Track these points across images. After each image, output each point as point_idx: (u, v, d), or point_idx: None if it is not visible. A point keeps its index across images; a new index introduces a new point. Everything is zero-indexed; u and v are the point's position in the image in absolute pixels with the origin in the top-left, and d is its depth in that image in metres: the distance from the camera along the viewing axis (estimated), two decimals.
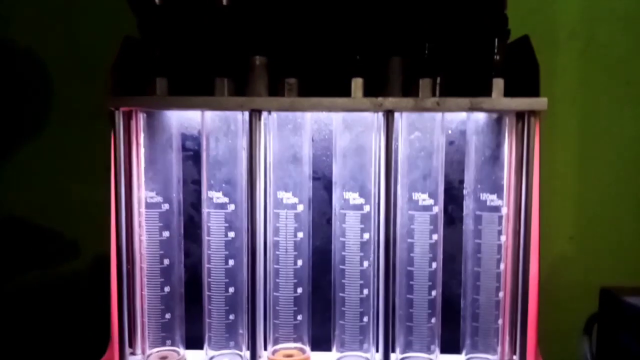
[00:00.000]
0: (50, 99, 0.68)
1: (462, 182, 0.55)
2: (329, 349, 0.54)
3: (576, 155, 0.67)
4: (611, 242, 0.67)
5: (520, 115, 0.51)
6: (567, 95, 0.66)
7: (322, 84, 0.51)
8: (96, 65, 0.59)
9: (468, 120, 0.51)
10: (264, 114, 0.51)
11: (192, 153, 0.57)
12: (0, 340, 0.69)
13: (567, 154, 0.67)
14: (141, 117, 0.52)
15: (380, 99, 0.48)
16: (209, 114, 0.51)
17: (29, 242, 0.69)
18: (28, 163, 0.69)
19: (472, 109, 0.48)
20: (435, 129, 0.50)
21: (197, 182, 0.56)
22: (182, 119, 0.55)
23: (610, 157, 0.67)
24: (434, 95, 0.50)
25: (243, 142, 0.52)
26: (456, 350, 0.54)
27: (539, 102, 0.48)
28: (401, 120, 0.51)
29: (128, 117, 0.53)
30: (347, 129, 0.51)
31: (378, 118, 0.51)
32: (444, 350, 0.53)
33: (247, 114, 0.50)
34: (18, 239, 0.70)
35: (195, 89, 0.50)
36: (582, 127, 0.67)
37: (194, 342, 0.55)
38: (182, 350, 0.54)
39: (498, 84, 0.49)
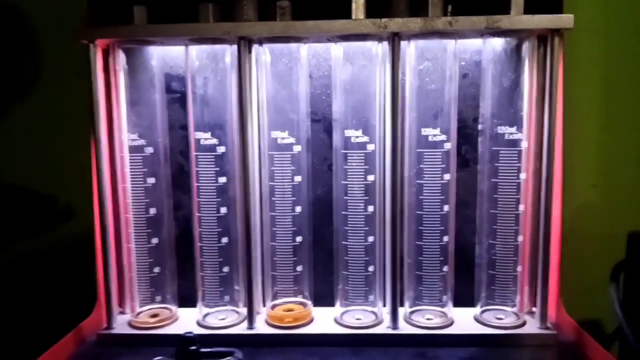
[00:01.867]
0: (39, 59, 0.63)
1: (476, 119, 0.50)
2: (331, 305, 0.50)
3: (599, 96, 0.61)
4: (636, 190, 0.62)
5: (541, 40, 0.45)
6: (589, 25, 0.59)
7: (319, 7, 0.45)
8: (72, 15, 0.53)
9: (484, 46, 0.46)
10: (255, 47, 0.46)
11: (179, 95, 0.52)
12: None
13: (589, 95, 0.61)
14: (120, 54, 0.47)
15: (384, 20, 0.42)
16: (194, 50, 0.46)
17: (22, 208, 0.66)
18: (17, 127, 0.64)
19: (488, 28, 0.42)
20: (447, 58, 0.45)
21: (186, 128, 0.51)
22: (166, 58, 0.50)
23: (637, 96, 0.61)
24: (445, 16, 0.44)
25: (232, 79, 0.47)
26: (470, 303, 0.50)
27: (563, 20, 0.42)
28: (409, 48, 0.46)
29: (106, 55, 0.48)
30: (347, 61, 0.46)
31: (382, 48, 0.45)
32: (457, 304, 0.49)
33: (235, 49, 0.45)
34: (10, 206, 0.66)
35: (178, 20, 0.45)
36: (605, 61, 0.60)
37: (189, 300, 0.51)
38: (174, 308, 0.50)
39: (517, 1, 0.43)
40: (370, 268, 0.47)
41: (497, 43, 0.46)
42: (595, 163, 0.63)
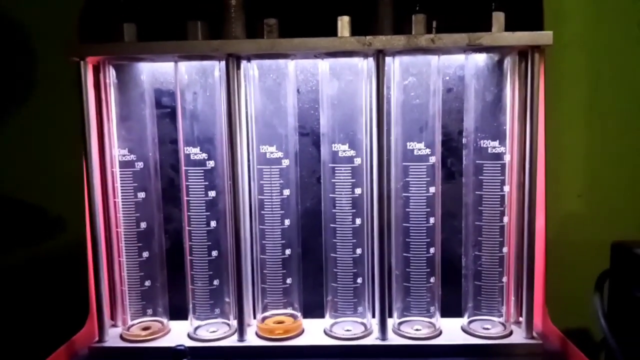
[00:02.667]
0: (31, 70, 0.63)
1: (461, 132, 0.51)
2: (321, 316, 0.51)
3: (585, 107, 0.62)
4: (620, 200, 0.63)
5: (523, 55, 0.46)
6: (575, 39, 0.61)
7: (305, 25, 0.46)
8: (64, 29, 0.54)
9: (467, 62, 0.47)
10: (244, 63, 0.47)
11: (169, 110, 0.52)
12: None
13: (575, 106, 0.62)
14: (110, 71, 0.48)
15: (369, 37, 0.43)
16: (184, 66, 0.47)
17: (13, 219, 0.66)
18: (8, 138, 0.65)
19: (470, 45, 0.43)
20: (431, 73, 0.46)
21: (176, 142, 0.52)
22: (156, 74, 0.51)
23: (622, 107, 0.62)
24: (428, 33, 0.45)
25: (222, 94, 0.47)
26: (457, 313, 0.50)
27: (543, 36, 0.43)
28: (393, 64, 0.47)
29: (97, 72, 0.49)
30: (334, 77, 0.47)
31: (368, 64, 0.47)
32: (445, 314, 0.50)
33: (224, 65, 0.46)
34: (2, 216, 0.66)
35: (167, 37, 0.46)
36: (591, 74, 0.62)
37: (181, 313, 0.51)
38: (165, 321, 0.51)
39: (498, 18, 0.44)
40: (359, 280, 0.48)
41: (480, 58, 0.47)
42: (580, 173, 0.64)
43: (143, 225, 0.48)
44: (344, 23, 0.45)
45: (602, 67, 0.61)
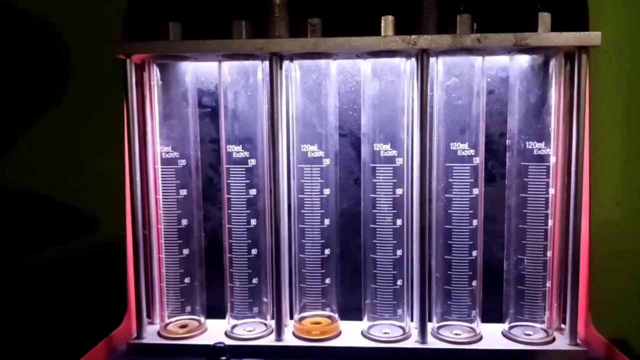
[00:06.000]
0: (67, 69, 0.65)
1: (502, 135, 0.50)
2: (356, 319, 0.50)
3: (623, 114, 0.61)
4: None
5: (568, 57, 0.46)
6: (613, 47, 0.60)
7: (348, 25, 0.46)
8: (106, 29, 0.55)
9: (511, 62, 0.47)
10: (286, 63, 0.48)
11: (209, 110, 0.53)
12: (18, 313, 0.67)
13: (613, 112, 0.61)
14: (155, 69, 0.48)
15: (414, 37, 0.43)
16: (227, 66, 0.48)
17: (48, 217, 0.67)
18: (44, 137, 0.66)
19: (517, 45, 0.43)
20: (474, 74, 0.46)
21: (215, 141, 0.52)
22: (198, 73, 0.52)
23: None
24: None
25: (264, 94, 0.48)
26: (493, 319, 0.49)
27: (591, 37, 0.43)
28: (437, 65, 0.46)
29: (141, 70, 0.49)
30: (376, 77, 0.47)
31: (410, 64, 0.46)
32: (483, 320, 0.49)
33: (267, 65, 0.46)
34: (36, 215, 0.67)
35: (210, 37, 0.47)
36: (629, 81, 0.61)
37: (215, 312, 0.51)
38: (202, 319, 0.51)
39: (544, 18, 0.44)
40: (399, 282, 0.47)
41: (524, 59, 0.46)
42: (619, 180, 0.62)
43: (184, 222, 0.48)
44: (387, 22, 0.45)
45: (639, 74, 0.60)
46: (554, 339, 0.47)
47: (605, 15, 0.60)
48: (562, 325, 0.49)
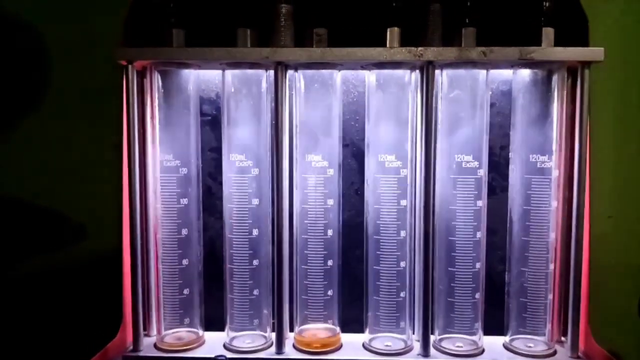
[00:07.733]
0: (53, 73, 0.63)
1: (503, 148, 0.51)
2: (357, 331, 0.50)
3: (615, 128, 0.62)
4: None
5: (569, 71, 0.47)
6: (605, 62, 0.61)
7: (354, 35, 0.46)
8: (100, 36, 0.54)
9: (514, 76, 0.47)
10: (290, 73, 0.47)
11: (209, 118, 0.52)
12: (7, 325, 0.65)
13: (605, 127, 0.62)
14: (156, 76, 0.48)
15: (420, 48, 0.44)
16: (230, 74, 0.47)
17: (34, 225, 0.65)
18: (30, 143, 0.64)
19: (521, 59, 0.43)
20: (478, 87, 0.46)
21: (216, 150, 0.52)
22: (199, 81, 0.51)
23: None
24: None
25: (267, 103, 0.47)
26: (493, 331, 0.49)
27: (595, 52, 0.44)
28: (441, 77, 0.47)
29: (142, 77, 0.49)
30: (380, 88, 0.47)
31: (415, 75, 0.47)
32: (484, 332, 0.49)
33: (271, 74, 0.46)
34: (22, 222, 0.65)
35: (215, 44, 0.46)
36: (621, 96, 0.62)
37: (213, 324, 0.50)
38: (200, 331, 0.49)
39: (548, 33, 0.45)
40: (402, 294, 0.47)
41: (526, 73, 0.47)
42: (611, 195, 0.63)
43: (184, 232, 0.47)
44: (393, 34, 0.45)
45: (633, 88, 0.61)
46: (555, 352, 0.47)
47: (601, 31, 0.61)
48: (563, 338, 0.49)
